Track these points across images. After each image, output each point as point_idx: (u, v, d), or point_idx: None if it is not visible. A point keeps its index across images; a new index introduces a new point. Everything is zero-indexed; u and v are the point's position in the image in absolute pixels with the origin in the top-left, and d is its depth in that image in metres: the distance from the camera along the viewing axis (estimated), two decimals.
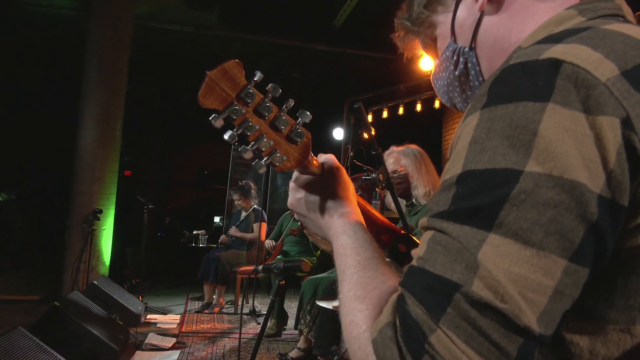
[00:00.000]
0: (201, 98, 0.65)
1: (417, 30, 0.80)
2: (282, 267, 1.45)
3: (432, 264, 0.49)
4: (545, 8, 0.67)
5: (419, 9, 0.78)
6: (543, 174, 0.46)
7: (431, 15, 0.77)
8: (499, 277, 0.45)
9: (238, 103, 0.66)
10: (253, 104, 0.68)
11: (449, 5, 0.74)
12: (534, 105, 0.48)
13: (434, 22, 0.77)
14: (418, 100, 6.47)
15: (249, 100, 0.67)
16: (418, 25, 0.79)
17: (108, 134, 5.69)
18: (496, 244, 0.46)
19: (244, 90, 0.67)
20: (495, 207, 0.47)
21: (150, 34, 6.70)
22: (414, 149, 2.85)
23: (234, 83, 0.66)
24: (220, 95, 0.66)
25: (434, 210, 0.53)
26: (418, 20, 0.78)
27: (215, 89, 0.65)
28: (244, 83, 0.67)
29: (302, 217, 0.81)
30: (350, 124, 7.17)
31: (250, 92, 0.67)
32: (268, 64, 7.89)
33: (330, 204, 0.76)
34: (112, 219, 5.80)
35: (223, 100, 0.66)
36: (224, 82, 0.66)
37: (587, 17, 0.60)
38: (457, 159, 0.52)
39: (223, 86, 0.66)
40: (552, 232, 0.45)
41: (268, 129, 0.69)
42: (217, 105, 0.66)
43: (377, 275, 0.62)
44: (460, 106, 0.81)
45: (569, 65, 0.49)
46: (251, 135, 0.68)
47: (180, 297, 6.46)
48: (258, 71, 0.68)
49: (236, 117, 0.66)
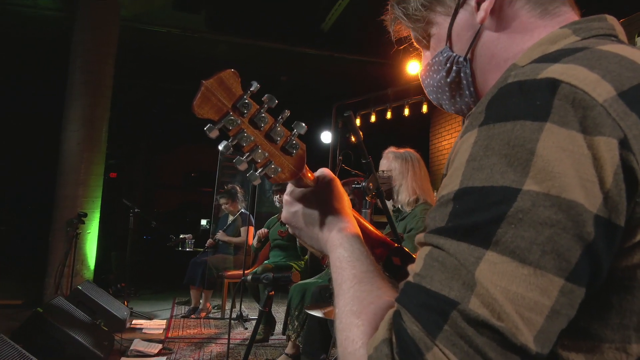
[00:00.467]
0: (196, 108, 0.64)
1: (411, 25, 0.78)
2: (272, 278, 1.44)
3: (429, 281, 0.49)
4: (544, 26, 0.67)
5: (416, 5, 0.76)
6: (541, 193, 0.47)
7: (428, 14, 0.75)
8: (496, 295, 0.45)
9: (234, 113, 0.65)
10: (249, 115, 0.66)
11: (449, 8, 0.73)
12: (531, 124, 0.48)
13: (430, 21, 0.76)
14: (406, 105, 6.50)
15: (245, 110, 0.66)
16: (413, 22, 0.78)
17: (93, 136, 5.62)
18: (493, 262, 0.46)
19: (240, 100, 0.65)
20: (492, 225, 0.47)
21: (136, 35, 6.64)
22: (410, 153, 2.82)
23: (230, 93, 0.65)
24: (216, 105, 0.65)
25: (431, 226, 0.53)
26: (414, 17, 0.77)
27: (210, 99, 0.64)
28: (240, 93, 0.66)
29: (297, 231, 0.80)
30: (338, 127, 7.18)
31: (247, 102, 0.66)
32: (255, 67, 7.87)
33: (326, 217, 0.76)
34: (97, 222, 5.73)
35: (218, 110, 0.65)
36: (220, 92, 0.65)
37: (581, 36, 0.61)
38: (454, 175, 0.52)
39: (219, 96, 0.65)
40: (549, 251, 0.46)
41: (263, 140, 0.68)
42: (212, 115, 0.65)
43: (373, 289, 0.61)
44: (447, 108, 0.81)
45: (567, 85, 0.49)
46: (246, 146, 0.67)
47: (167, 301, 6.39)
48: (254, 81, 0.67)
49: (232, 128, 0.65)
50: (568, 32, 0.62)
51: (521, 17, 0.68)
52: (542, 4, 0.67)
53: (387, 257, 0.80)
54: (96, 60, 5.63)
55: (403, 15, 0.78)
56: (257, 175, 0.68)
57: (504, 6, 0.68)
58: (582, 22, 0.63)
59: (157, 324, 5.15)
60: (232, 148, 0.67)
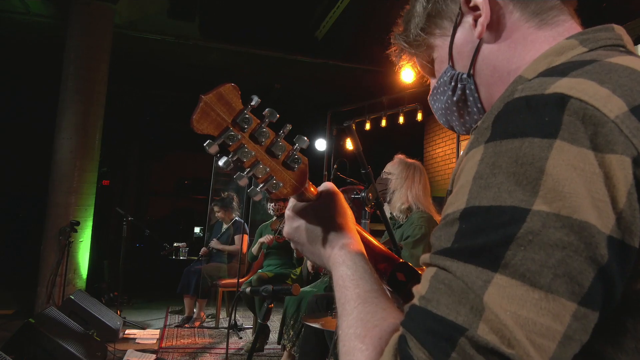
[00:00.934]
0: (195, 123, 0.62)
1: (414, 52, 0.79)
2: (271, 290, 1.42)
3: (436, 305, 0.47)
4: (545, 37, 0.66)
5: (416, 31, 0.76)
6: (551, 213, 0.45)
7: (428, 38, 0.76)
8: (506, 321, 0.43)
9: (234, 128, 0.64)
10: (249, 130, 0.65)
11: (447, 29, 0.73)
12: (540, 141, 0.47)
13: (431, 45, 0.76)
14: (401, 113, 6.50)
15: (246, 125, 0.65)
16: (415, 47, 0.78)
17: (86, 144, 5.58)
18: (502, 285, 0.44)
19: (240, 115, 0.64)
20: (501, 247, 0.45)
21: (130, 42, 6.62)
22: (416, 164, 2.84)
23: (230, 108, 0.64)
24: (216, 120, 0.63)
25: (437, 247, 0.51)
26: (415, 43, 0.77)
27: (210, 114, 0.63)
28: (240, 108, 0.64)
29: (299, 246, 0.78)
30: (333, 135, 7.18)
31: (247, 117, 0.64)
32: (249, 75, 7.86)
33: (328, 233, 0.74)
34: (89, 230, 5.68)
35: (218, 126, 0.63)
36: (220, 107, 0.63)
37: (588, 47, 0.60)
38: (460, 193, 0.51)
39: (218, 111, 0.63)
40: (561, 275, 0.44)
41: (264, 155, 0.67)
42: (211, 131, 0.63)
43: (377, 310, 0.59)
44: (458, 129, 0.80)
45: (576, 101, 0.47)
46: (247, 161, 0.66)
47: (160, 310, 6.33)
48: (255, 96, 0.66)
49: (232, 143, 0.64)
50: (575, 43, 0.61)
51: (520, 28, 0.67)
52: (539, 14, 0.67)
53: (392, 273, 0.78)
54: (89, 67, 5.60)
55: (405, 43, 0.79)
56: (259, 191, 0.67)
57: (501, 19, 0.68)
58: (588, 32, 0.62)
59: (151, 333, 5.10)
60: (232, 164, 0.65)
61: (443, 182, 7.51)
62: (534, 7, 0.67)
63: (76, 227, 5.35)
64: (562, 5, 0.67)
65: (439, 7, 0.73)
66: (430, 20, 0.74)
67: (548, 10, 0.67)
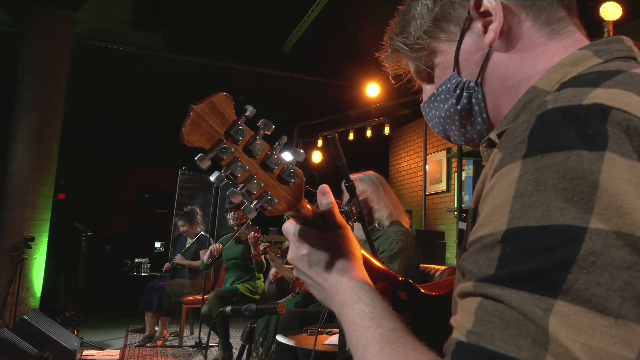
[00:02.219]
0: (186, 135, 0.58)
1: (414, 55, 0.74)
2: (255, 309, 1.35)
3: (490, 340, 0.42)
4: (556, 47, 0.65)
5: (418, 33, 0.72)
6: (610, 231, 0.41)
7: (432, 42, 0.72)
8: (578, 354, 0.39)
9: (227, 141, 0.60)
10: (243, 142, 0.61)
11: (453, 34, 0.70)
12: (589, 154, 0.43)
13: (434, 49, 0.72)
14: (368, 127, 6.55)
15: (240, 137, 0.60)
16: (416, 51, 0.74)
17: (42, 156, 5.35)
18: (566, 313, 0.40)
19: (234, 126, 0.60)
20: (561, 271, 0.41)
21: (90, 53, 6.43)
22: (371, 175, 2.88)
23: (223, 118, 0.60)
24: (208, 132, 0.59)
25: (477, 274, 0.46)
26: (416, 46, 0.73)
27: (201, 125, 0.58)
28: (234, 119, 0.60)
29: (301, 275, 0.73)
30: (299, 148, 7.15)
31: (241, 128, 0.60)
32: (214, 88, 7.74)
33: (337, 265, 0.69)
34: (44, 246, 5.42)
35: (210, 138, 0.59)
36: (212, 118, 0.59)
37: (603, 58, 0.58)
38: (497, 213, 0.47)
39: (211, 122, 0.59)
40: (629, 298, 0.40)
41: (259, 170, 0.62)
42: (203, 144, 0.59)
43: (407, 351, 0.54)
44: (456, 139, 0.77)
45: (618, 112, 0.45)
46: (241, 176, 0.61)
47: (120, 329, 6.09)
48: (250, 106, 0.62)
49: (225, 157, 0.60)
50: (589, 54, 0.59)
51: (531, 37, 0.65)
52: (549, 24, 0.65)
53: (393, 292, 0.75)
54: (47, 77, 5.39)
55: (404, 45, 0.74)
56: (252, 207, 0.62)
57: (513, 27, 0.66)
58: (601, 43, 0.61)
59: (110, 354, 4.89)
60: (225, 179, 0.61)
61: (408, 196, 7.58)
62: (545, 17, 0.65)
63: (30, 243, 5.10)
64: (569, 17, 0.66)
65: (446, 11, 0.70)
66: (435, 23, 0.71)
67: (558, 21, 0.66)
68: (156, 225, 11.70)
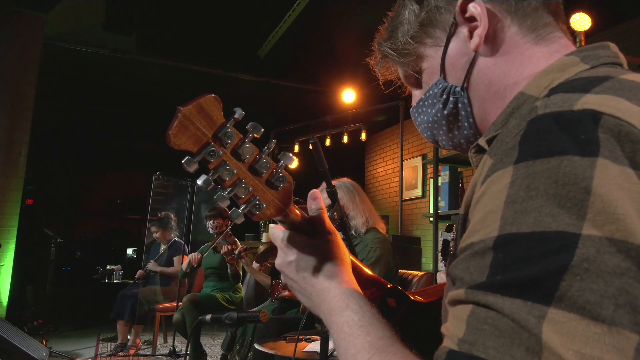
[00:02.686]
0: (172, 138, 0.56)
1: (401, 60, 0.75)
2: (236, 318, 1.32)
3: (482, 348, 0.41)
4: (542, 52, 0.65)
5: (405, 38, 0.72)
6: (603, 237, 0.41)
7: (418, 47, 0.72)
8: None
9: (215, 144, 0.58)
10: (231, 145, 0.60)
11: (439, 39, 0.70)
12: (581, 160, 0.43)
13: (421, 54, 0.73)
14: (345, 132, 6.57)
15: (228, 140, 0.59)
16: (403, 56, 0.74)
17: (10, 160, 5.19)
18: (559, 321, 0.40)
19: (222, 129, 0.59)
20: (554, 277, 0.41)
21: (62, 55, 6.29)
22: (346, 182, 2.87)
23: (211, 121, 0.58)
24: (195, 134, 0.57)
25: (467, 281, 0.46)
26: (404, 51, 0.73)
27: (189, 128, 0.57)
28: (222, 121, 0.59)
29: (289, 281, 0.72)
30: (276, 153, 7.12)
31: (229, 131, 0.59)
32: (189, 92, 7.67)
33: (325, 271, 0.68)
34: (11, 253, 5.25)
35: (198, 141, 0.57)
36: (200, 120, 0.57)
37: (590, 64, 0.59)
38: (488, 219, 0.46)
39: (198, 124, 0.57)
40: (622, 305, 0.40)
41: (247, 173, 0.61)
42: (190, 147, 0.57)
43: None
44: (444, 144, 0.77)
45: (609, 117, 0.45)
46: (228, 180, 0.60)
47: (90, 338, 5.93)
48: (239, 108, 0.61)
49: (213, 160, 0.58)
50: (576, 60, 0.60)
51: (517, 42, 0.66)
52: (535, 29, 0.66)
53: (382, 299, 0.74)
54: (16, 80, 5.24)
55: (392, 51, 0.74)
56: (240, 212, 0.61)
57: (498, 32, 0.66)
58: (587, 49, 0.61)
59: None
60: (213, 183, 0.59)
61: (384, 201, 7.62)
62: (530, 22, 0.66)
63: None
64: (555, 22, 0.67)
65: (432, 16, 0.70)
66: (422, 29, 0.71)
67: (544, 27, 0.66)
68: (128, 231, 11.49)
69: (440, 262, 1.63)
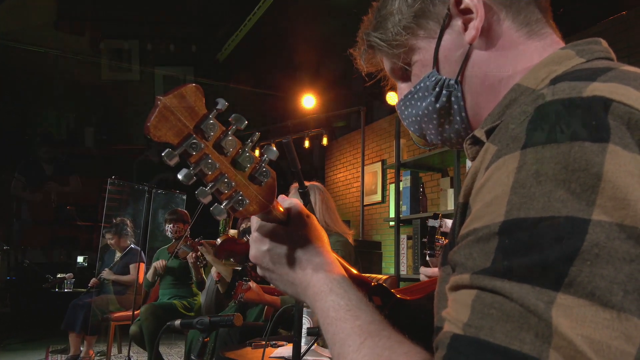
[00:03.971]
0: (152, 129, 0.53)
1: (391, 52, 0.73)
2: (208, 322, 1.27)
3: (489, 333, 0.41)
4: (535, 47, 0.66)
5: (396, 29, 0.71)
6: (613, 223, 0.41)
7: (410, 38, 0.71)
8: (582, 347, 0.39)
9: (197, 136, 0.55)
10: (214, 138, 0.57)
11: (433, 31, 0.69)
12: (591, 145, 0.43)
13: (412, 46, 0.71)
14: (306, 137, 6.56)
15: (211, 132, 0.56)
16: (394, 47, 0.72)
17: None
18: (568, 306, 0.40)
19: (204, 120, 0.56)
20: (564, 263, 0.41)
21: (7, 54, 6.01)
22: (315, 185, 2.85)
23: (193, 112, 0.55)
24: (176, 126, 0.54)
25: (470, 266, 0.45)
26: (395, 42, 0.72)
27: (169, 119, 0.54)
28: (204, 112, 0.56)
29: (267, 273, 0.69)
30: None
31: (212, 123, 0.56)
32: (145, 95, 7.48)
33: (304, 256, 0.66)
34: None
35: (179, 132, 0.54)
36: (181, 111, 0.54)
37: (585, 58, 0.60)
38: (493, 205, 0.46)
39: (179, 115, 0.54)
40: (631, 291, 0.40)
41: (229, 168, 0.59)
42: (171, 139, 0.54)
43: (393, 344, 0.52)
44: (432, 138, 0.76)
45: (620, 104, 0.45)
46: (210, 174, 0.57)
47: (39, 351, 5.65)
48: (221, 99, 0.58)
49: (194, 153, 0.55)
50: (571, 54, 0.61)
51: (511, 36, 0.66)
52: (528, 24, 0.66)
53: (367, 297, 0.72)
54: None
55: (381, 41, 0.72)
56: (223, 208, 0.58)
57: (493, 25, 0.66)
58: (581, 44, 0.62)
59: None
60: (195, 177, 0.56)
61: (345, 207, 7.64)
62: (523, 17, 0.66)
63: None
64: (544, 19, 0.68)
65: (426, 7, 0.69)
66: (415, 20, 0.70)
67: (536, 22, 0.67)
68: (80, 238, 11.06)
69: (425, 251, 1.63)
